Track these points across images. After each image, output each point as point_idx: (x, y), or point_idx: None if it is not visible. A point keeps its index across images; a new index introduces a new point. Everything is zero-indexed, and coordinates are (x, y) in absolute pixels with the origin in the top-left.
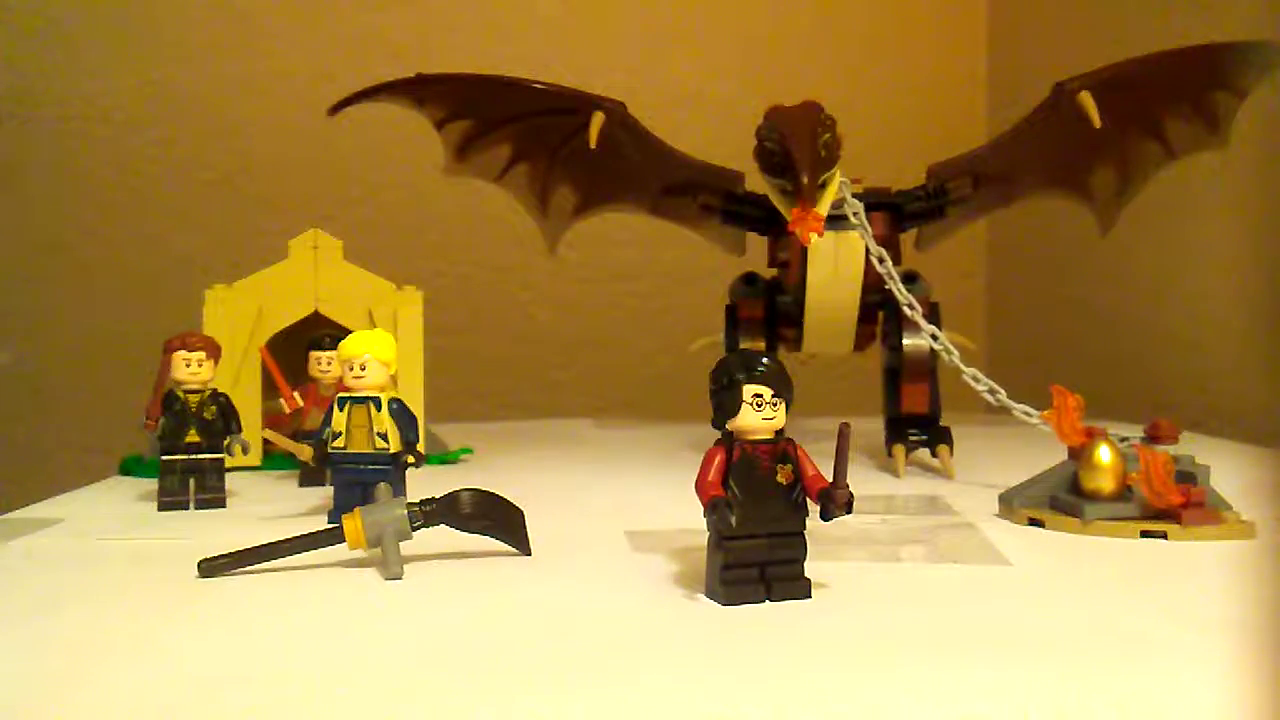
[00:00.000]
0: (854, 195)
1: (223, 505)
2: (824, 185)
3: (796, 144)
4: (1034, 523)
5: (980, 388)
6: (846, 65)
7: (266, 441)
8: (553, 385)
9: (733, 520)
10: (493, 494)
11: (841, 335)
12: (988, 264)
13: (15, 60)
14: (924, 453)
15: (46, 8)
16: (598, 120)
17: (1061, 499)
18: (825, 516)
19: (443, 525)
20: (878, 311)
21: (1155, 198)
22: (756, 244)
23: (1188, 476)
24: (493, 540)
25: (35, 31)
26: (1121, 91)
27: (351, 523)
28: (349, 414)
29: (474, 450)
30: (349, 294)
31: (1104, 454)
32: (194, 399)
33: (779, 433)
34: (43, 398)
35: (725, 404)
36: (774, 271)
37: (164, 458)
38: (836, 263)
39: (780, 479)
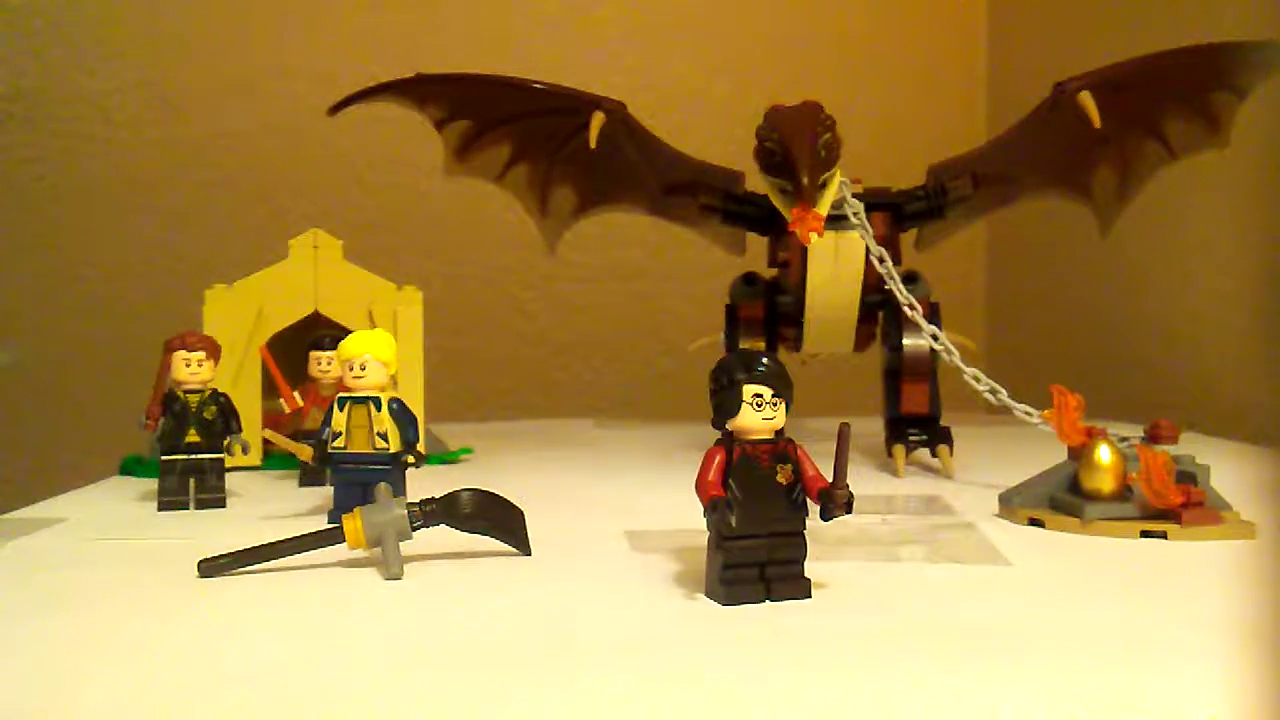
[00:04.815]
0: (854, 195)
1: (223, 505)
2: (824, 185)
3: (796, 144)
4: (1034, 523)
5: (981, 387)
6: (846, 65)
7: (266, 441)
8: (553, 385)
9: (733, 520)
10: (493, 494)
11: (842, 335)
12: (988, 264)
13: (15, 60)
14: (924, 453)
15: (46, 8)
16: (598, 120)
17: (1061, 499)
18: (825, 516)
19: (443, 525)
20: (878, 311)
21: (1155, 198)
22: (756, 244)
23: (1188, 476)
24: (493, 540)
25: (35, 31)
26: (1121, 91)
27: (351, 523)
28: (349, 414)
29: (474, 450)
30: (349, 294)
31: (1104, 454)
32: (194, 399)
33: (779, 433)
34: (43, 398)
35: (725, 404)
36: (774, 271)
37: (164, 458)
38: (837, 263)
39: (780, 479)
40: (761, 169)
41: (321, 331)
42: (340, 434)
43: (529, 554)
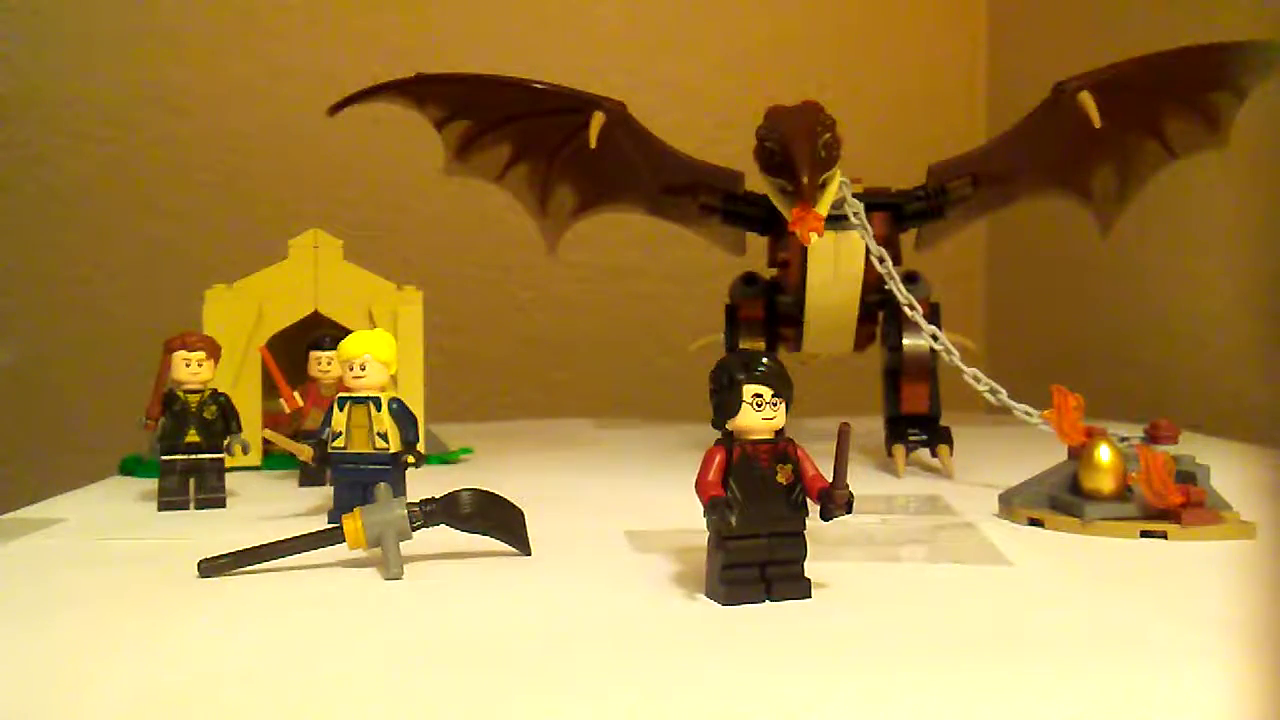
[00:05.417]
0: (854, 195)
1: (223, 505)
2: (824, 185)
3: (796, 144)
4: (1034, 523)
5: (980, 388)
6: (846, 65)
7: (266, 441)
8: (553, 385)
9: (732, 520)
10: (493, 494)
11: (842, 335)
12: (988, 264)
13: (15, 60)
14: (924, 453)
15: (46, 8)
16: (598, 120)
17: (1061, 499)
18: (825, 516)
19: (443, 525)
20: (878, 311)
21: (1156, 198)
22: (756, 244)
23: (1188, 476)
24: (493, 540)
25: (35, 31)
26: (1121, 91)
27: (351, 523)
28: (349, 414)
29: (474, 450)
30: (349, 294)
31: (1104, 454)
32: (194, 399)
33: (779, 433)
34: (43, 398)
35: (725, 404)
36: (774, 271)
37: (164, 458)
38: (836, 263)
39: (780, 479)
40: (761, 169)
41: (321, 331)
42: (340, 434)
43: (529, 554)
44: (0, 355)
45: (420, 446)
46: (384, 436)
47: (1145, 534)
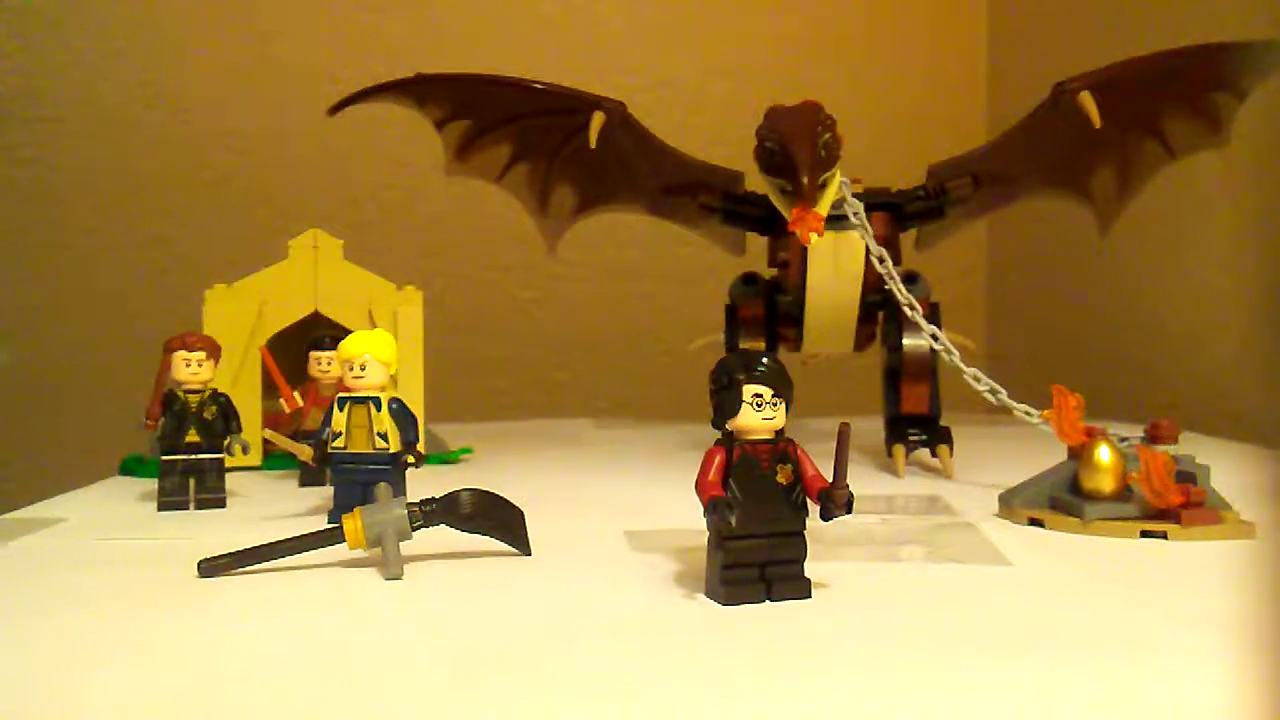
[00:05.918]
0: (854, 195)
1: (223, 505)
2: (824, 185)
3: (796, 144)
4: (1034, 523)
5: (981, 388)
6: (846, 65)
7: (266, 441)
8: (553, 385)
9: (732, 520)
10: (493, 494)
11: (842, 335)
12: (988, 264)
13: (16, 60)
14: (924, 453)
15: (46, 8)
16: (598, 120)
17: (1061, 499)
18: (825, 516)
19: (443, 525)
20: (878, 311)
21: (1155, 198)
22: (756, 244)
23: (1188, 476)
24: (493, 540)
25: (35, 31)
26: (1121, 91)
27: (351, 523)
28: (349, 414)
29: (474, 450)
30: (349, 294)
31: (1104, 454)
32: (194, 399)
33: (779, 433)
34: (43, 398)
35: (725, 404)
36: (774, 271)
37: (164, 458)
38: (836, 263)
39: (780, 479)
40: (761, 169)
41: (321, 331)
42: (340, 434)
43: (529, 554)
44: (0, 355)
45: (420, 446)
46: (384, 436)
47: (1145, 534)
